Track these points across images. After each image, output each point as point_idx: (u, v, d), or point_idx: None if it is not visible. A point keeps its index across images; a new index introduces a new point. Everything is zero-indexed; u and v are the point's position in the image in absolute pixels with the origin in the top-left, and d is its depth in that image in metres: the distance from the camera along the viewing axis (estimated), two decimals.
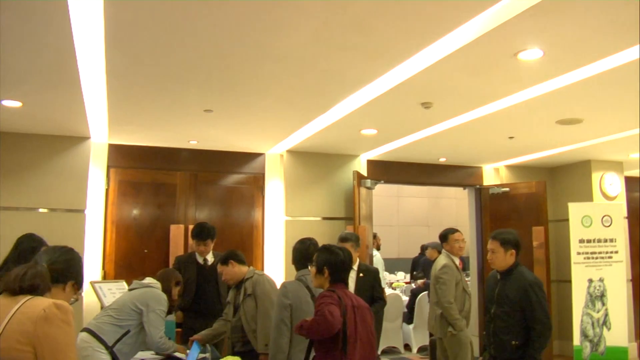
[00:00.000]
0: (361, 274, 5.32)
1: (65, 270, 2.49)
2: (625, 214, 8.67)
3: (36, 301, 2.10)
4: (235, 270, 4.47)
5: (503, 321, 4.12)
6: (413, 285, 9.85)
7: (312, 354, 3.39)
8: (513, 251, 4.14)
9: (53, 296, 2.22)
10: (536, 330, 3.97)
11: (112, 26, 3.58)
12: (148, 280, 4.43)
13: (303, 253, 4.08)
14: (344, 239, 5.41)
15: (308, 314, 3.64)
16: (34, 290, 2.17)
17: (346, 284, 3.49)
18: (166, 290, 4.40)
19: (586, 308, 7.83)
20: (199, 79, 4.65)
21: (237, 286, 4.50)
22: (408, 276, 11.65)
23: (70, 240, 6.11)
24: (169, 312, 4.44)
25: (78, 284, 2.56)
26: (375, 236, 9.00)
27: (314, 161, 7.68)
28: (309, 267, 3.69)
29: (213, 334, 4.63)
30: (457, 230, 5.87)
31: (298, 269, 4.05)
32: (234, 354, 3.86)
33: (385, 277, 8.74)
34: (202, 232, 5.67)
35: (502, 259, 4.15)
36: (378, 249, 8.90)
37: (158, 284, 4.39)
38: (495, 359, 4.19)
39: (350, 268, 3.55)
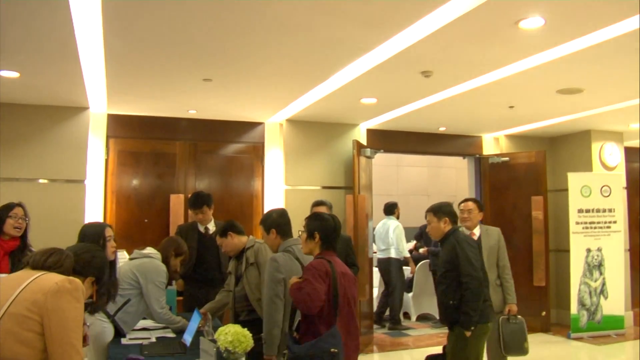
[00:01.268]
0: None
1: (88, 264, 2.51)
2: (625, 184, 8.70)
3: (51, 276, 2.16)
4: (234, 242, 4.48)
5: (442, 284, 4.28)
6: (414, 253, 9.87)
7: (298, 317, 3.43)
8: (446, 219, 4.33)
9: None
10: (464, 284, 4.07)
11: None
12: (148, 250, 4.43)
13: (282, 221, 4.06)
14: (318, 203, 5.46)
15: None
16: (56, 268, 2.23)
17: (335, 251, 3.52)
18: (165, 260, 4.39)
19: (584, 277, 7.90)
20: (198, 47, 4.61)
21: (238, 256, 4.51)
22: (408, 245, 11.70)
23: (70, 211, 6.22)
24: (169, 283, 4.45)
25: (98, 284, 2.58)
26: (396, 206, 9.07)
27: (314, 130, 7.66)
28: (299, 233, 3.68)
29: (217, 306, 4.66)
30: (462, 201, 5.57)
31: (282, 238, 3.99)
32: (238, 322, 3.88)
33: (405, 246, 8.78)
34: (197, 201, 5.68)
35: (437, 227, 4.36)
36: (397, 218, 8.95)
37: (158, 254, 4.39)
38: (446, 324, 4.33)
39: (339, 235, 3.59)
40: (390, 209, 8.99)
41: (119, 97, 6.32)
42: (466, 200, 5.49)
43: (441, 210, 4.38)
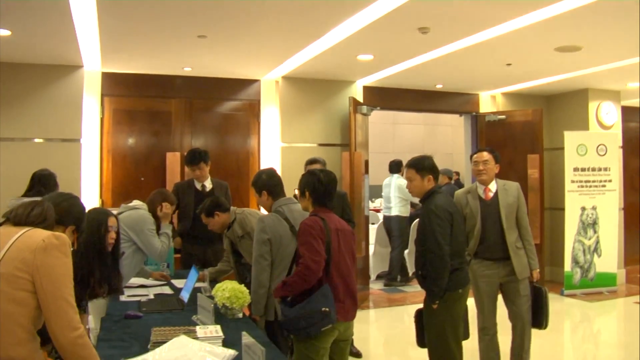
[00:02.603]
0: None
1: (68, 213, 2.50)
2: (621, 144, 8.71)
3: (36, 232, 2.13)
4: (221, 220, 4.46)
5: (416, 250, 4.02)
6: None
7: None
8: (430, 177, 3.90)
9: None
10: (427, 258, 3.80)
11: None
12: (135, 202, 4.46)
13: (272, 182, 4.02)
14: (312, 161, 5.43)
15: (288, 247, 3.64)
16: (39, 223, 2.20)
17: (330, 207, 3.46)
18: (152, 211, 4.44)
19: (578, 235, 7.97)
20: (192, 3, 4.54)
21: (228, 231, 4.50)
22: None
23: (66, 170, 6.21)
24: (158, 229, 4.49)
25: (78, 231, 2.58)
26: (401, 164, 8.92)
27: (310, 87, 7.61)
28: (294, 191, 3.67)
29: (217, 271, 4.72)
30: (476, 152, 4.88)
31: (274, 198, 3.96)
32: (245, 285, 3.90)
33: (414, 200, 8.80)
34: (194, 157, 5.66)
35: (420, 185, 3.91)
36: (403, 175, 8.93)
37: (144, 205, 4.44)
38: None
39: (333, 192, 3.47)
40: (396, 167, 9.00)
41: (113, 55, 6.25)
42: (480, 150, 4.75)
43: (424, 167, 3.91)
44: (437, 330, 3.89)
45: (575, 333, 6.72)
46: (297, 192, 3.61)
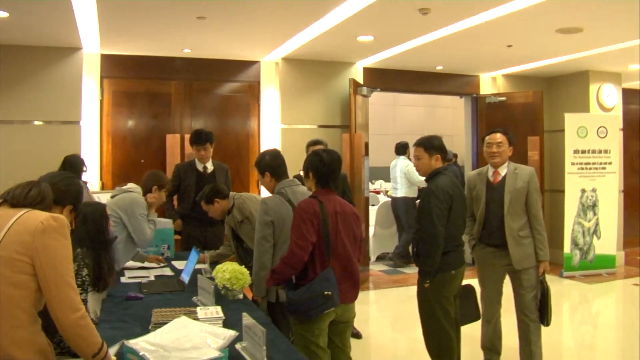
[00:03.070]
0: None
1: (65, 193, 2.50)
2: (621, 126, 8.70)
3: (34, 214, 2.11)
4: (221, 207, 4.45)
5: (415, 228, 4.06)
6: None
7: None
8: (438, 156, 3.92)
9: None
10: (422, 237, 3.85)
11: None
12: (128, 185, 4.46)
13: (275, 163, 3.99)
14: (314, 142, 5.39)
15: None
16: (37, 204, 2.18)
17: (334, 188, 3.42)
18: (146, 194, 4.44)
19: (578, 217, 7.99)
20: None
21: (227, 216, 4.50)
22: None
23: (66, 152, 6.19)
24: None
25: (76, 211, 2.57)
26: (407, 146, 8.97)
27: (310, 69, 7.58)
28: (299, 172, 3.66)
29: (219, 254, 4.73)
30: (489, 132, 4.51)
31: (277, 180, 3.92)
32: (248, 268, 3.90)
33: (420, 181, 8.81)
34: (200, 137, 5.65)
35: (428, 164, 3.93)
36: (409, 157, 8.95)
37: (138, 188, 4.43)
38: None
39: (337, 171, 3.44)
40: (402, 149, 9.00)
41: (112, 37, 6.23)
42: (493, 131, 4.43)
43: (433, 145, 3.93)
44: (428, 309, 3.92)
45: (574, 315, 6.76)
46: (302, 173, 3.59)
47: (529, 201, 4.26)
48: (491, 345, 4.49)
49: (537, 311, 4.26)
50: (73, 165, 5.45)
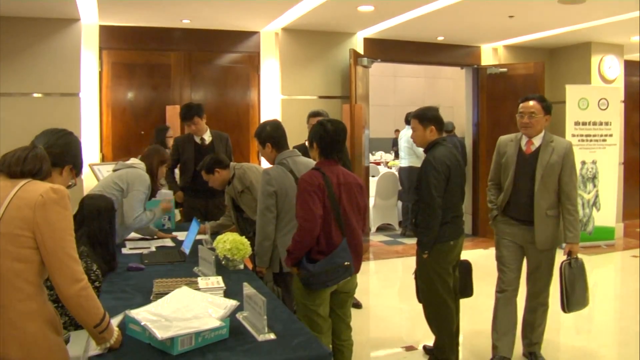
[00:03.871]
0: None
1: (63, 153, 2.42)
2: (622, 98, 8.67)
3: (34, 185, 2.09)
4: (222, 177, 4.45)
5: (414, 199, 4.09)
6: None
7: None
8: (432, 127, 3.89)
9: (51, 180, 2.20)
10: (420, 208, 3.85)
11: None
12: (132, 160, 4.44)
13: (276, 134, 3.98)
14: (315, 114, 5.36)
15: (294, 199, 3.49)
16: (35, 174, 2.14)
17: (338, 159, 3.40)
18: (150, 170, 4.38)
19: (577, 189, 7.99)
20: None
21: (228, 186, 4.50)
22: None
23: (66, 124, 6.07)
24: (152, 195, 4.45)
25: (76, 168, 2.48)
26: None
27: (310, 39, 7.53)
28: (305, 142, 3.64)
29: (219, 224, 4.75)
30: (523, 100, 4.19)
31: (278, 151, 3.93)
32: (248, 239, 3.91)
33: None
34: (187, 113, 5.60)
35: (423, 136, 3.93)
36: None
37: (142, 164, 4.39)
38: None
39: (342, 142, 3.41)
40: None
41: (110, 7, 6.17)
42: (527, 98, 4.11)
43: (426, 117, 3.91)
44: (427, 280, 3.95)
45: None
46: (307, 143, 3.58)
47: (562, 178, 3.96)
48: (505, 323, 4.15)
49: (548, 295, 4.13)
50: None
